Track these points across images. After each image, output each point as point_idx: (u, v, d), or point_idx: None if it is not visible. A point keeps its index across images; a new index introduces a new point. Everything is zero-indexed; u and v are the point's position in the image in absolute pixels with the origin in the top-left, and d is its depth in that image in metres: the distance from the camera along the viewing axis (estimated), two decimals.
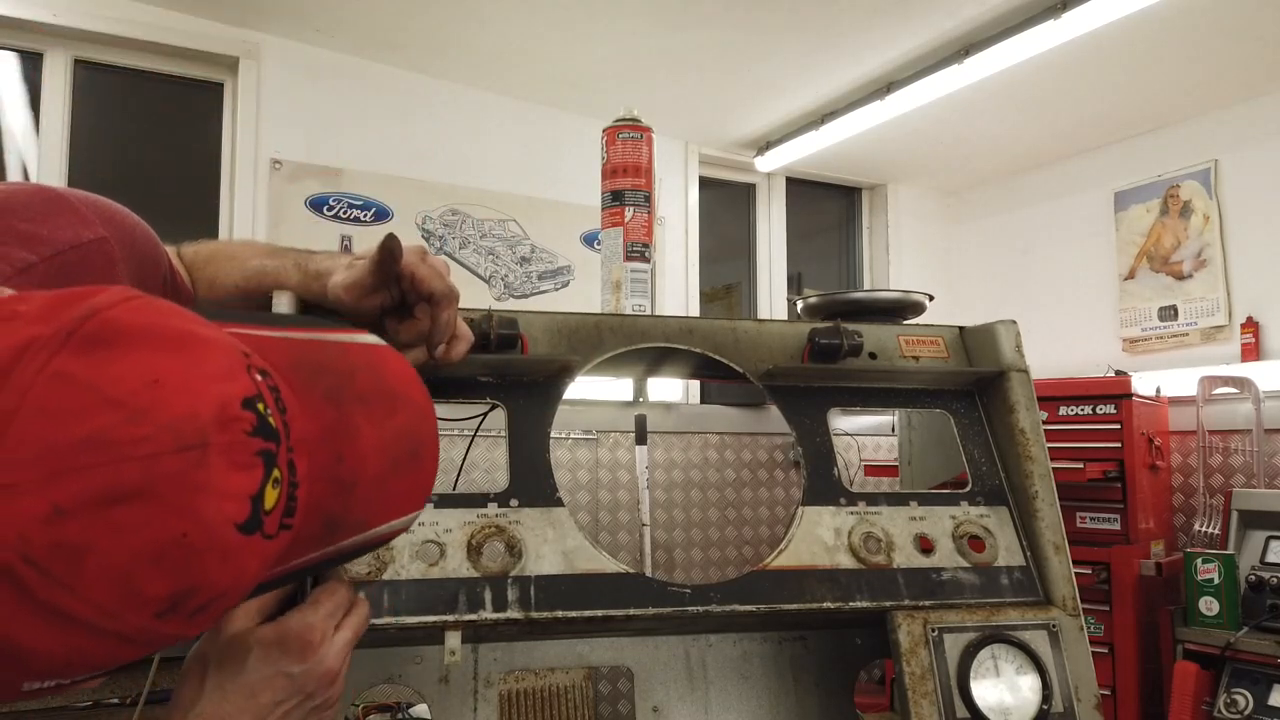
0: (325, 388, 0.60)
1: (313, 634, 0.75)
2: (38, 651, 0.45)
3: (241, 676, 0.73)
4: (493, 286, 3.58)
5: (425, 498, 0.70)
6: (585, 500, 3.14)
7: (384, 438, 0.63)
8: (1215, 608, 2.59)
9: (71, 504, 0.43)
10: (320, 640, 0.76)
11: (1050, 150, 4.10)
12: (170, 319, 0.50)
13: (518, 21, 3.11)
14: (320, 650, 0.75)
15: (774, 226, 4.48)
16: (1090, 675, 1.09)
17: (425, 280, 0.92)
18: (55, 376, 0.44)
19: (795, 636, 1.31)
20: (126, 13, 3.03)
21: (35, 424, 0.43)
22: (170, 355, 0.48)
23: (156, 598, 0.46)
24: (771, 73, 3.46)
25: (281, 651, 0.74)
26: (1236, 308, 3.50)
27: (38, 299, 0.48)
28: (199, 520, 0.47)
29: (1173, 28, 2.96)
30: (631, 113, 1.61)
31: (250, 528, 0.49)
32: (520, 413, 1.08)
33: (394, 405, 0.65)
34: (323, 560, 0.63)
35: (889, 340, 1.27)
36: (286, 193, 3.23)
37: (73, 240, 0.78)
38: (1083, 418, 2.98)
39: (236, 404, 0.49)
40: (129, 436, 0.45)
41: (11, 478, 0.42)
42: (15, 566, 0.42)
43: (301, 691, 0.75)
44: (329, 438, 0.58)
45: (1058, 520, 1.16)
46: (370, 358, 0.67)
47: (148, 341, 0.48)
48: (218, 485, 0.47)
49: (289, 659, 0.74)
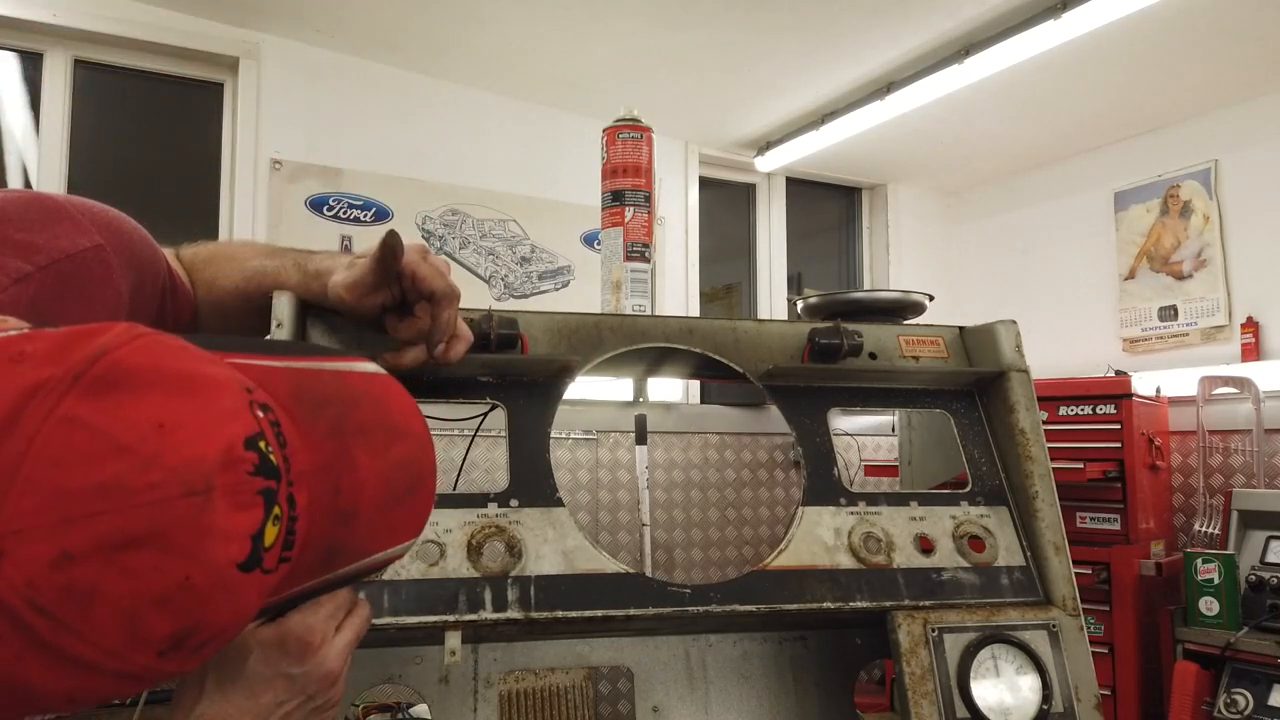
0: (327, 420, 0.61)
1: (313, 635, 0.75)
2: (41, 690, 0.46)
3: (242, 677, 0.73)
4: (493, 286, 3.58)
5: (423, 525, 0.70)
6: (585, 500, 3.14)
7: (384, 469, 0.63)
8: (1215, 608, 2.59)
9: (80, 550, 0.44)
10: (321, 642, 0.76)
11: (1050, 150, 4.10)
12: (177, 359, 0.51)
13: (518, 21, 3.10)
14: (321, 652, 0.76)
15: (774, 226, 4.48)
16: (1090, 675, 1.09)
17: (426, 279, 0.92)
18: (64, 421, 0.45)
19: (795, 636, 1.31)
20: (126, 13, 3.03)
21: (45, 470, 0.44)
22: (177, 398, 0.49)
23: (160, 638, 0.47)
24: (771, 73, 3.46)
25: (282, 653, 0.74)
26: (1236, 308, 3.50)
27: (45, 339, 0.49)
28: (203, 563, 0.48)
29: (1173, 28, 2.96)
30: (631, 113, 1.61)
31: (250, 565, 0.50)
32: (520, 413, 1.08)
33: (394, 437, 0.65)
34: (320, 586, 0.64)
35: (889, 340, 1.27)
36: (286, 193, 3.23)
37: (69, 249, 0.78)
38: (1083, 418, 2.98)
39: (240, 445, 0.50)
40: (138, 484, 0.45)
41: (20, 524, 0.43)
42: (22, 611, 0.43)
43: (302, 692, 0.75)
44: (328, 470, 0.59)
45: (1058, 520, 1.16)
46: (371, 388, 0.68)
47: (155, 383, 0.49)
48: (221, 527, 0.48)
49: (289, 660, 0.74)
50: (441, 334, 0.95)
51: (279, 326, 0.95)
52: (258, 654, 0.74)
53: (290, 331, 0.97)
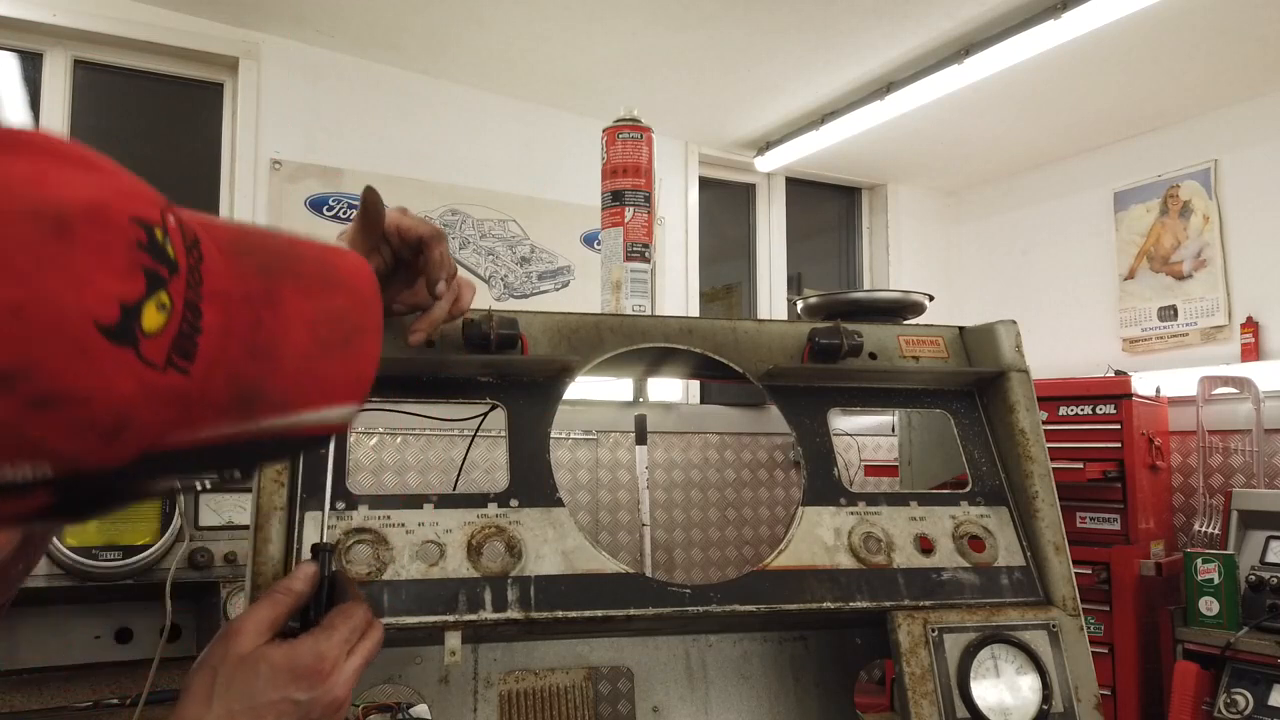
0: (259, 260, 0.58)
1: (324, 663, 0.74)
2: None
3: (249, 699, 0.72)
4: (493, 287, 3.58)
5: (362, 392, 0.65)
6: (585, 500, 3.14)
7: (314, 314, 0.60)
8: (1215, 608, 2.59)
9: None
10: (331, 669, 0.75)
11: (1050, 150, 4.10)
12: (87, 152, 0.48)
13: (517, 22, 3.10)
14: (330, 680, 0.74)
15: (774, 226, 4.48)
16: (1090, 675, 1.09)
17: (410, 227, 0.92)
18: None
19: (795, 636, 1.31)
20: (126, 13, 3.03)
21: None
22: (72, 167, 0.46)
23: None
24: (771, 73, 3.45)
25: (292, 677, 0.73)
26: (1236, 308, 3.50)
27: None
28: (40, 295, 0.43)
29: (1173, 28, 2.96)
30: (631, 113, 1.61)
31: (119, 336, 0.46)
32: (520, 413, 1.08)
33: (332, 288, 0.63)
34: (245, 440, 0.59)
35: (889, 340, 1.27)
36: (286, 193, 3.23)
37: None
38: (1083, 418, 2.97)
39: (122, 214, 0.46)
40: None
41: None
42: None
43: (306, 719, 0.74)
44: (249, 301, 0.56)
45: (1058, 520, 1.16)
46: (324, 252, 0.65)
47: (55, 155, 0.46)
48: (75, 271, 0.44)
49: (299, 686, 0.73)
50: (438, 271, 0.93)
51: None
52: (266, 675, 0.73)
53: None
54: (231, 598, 2.02)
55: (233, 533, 2.07)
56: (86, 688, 2.00)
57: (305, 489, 0.95)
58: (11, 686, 1.95)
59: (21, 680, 1.96)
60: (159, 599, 1.92)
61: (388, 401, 1.07)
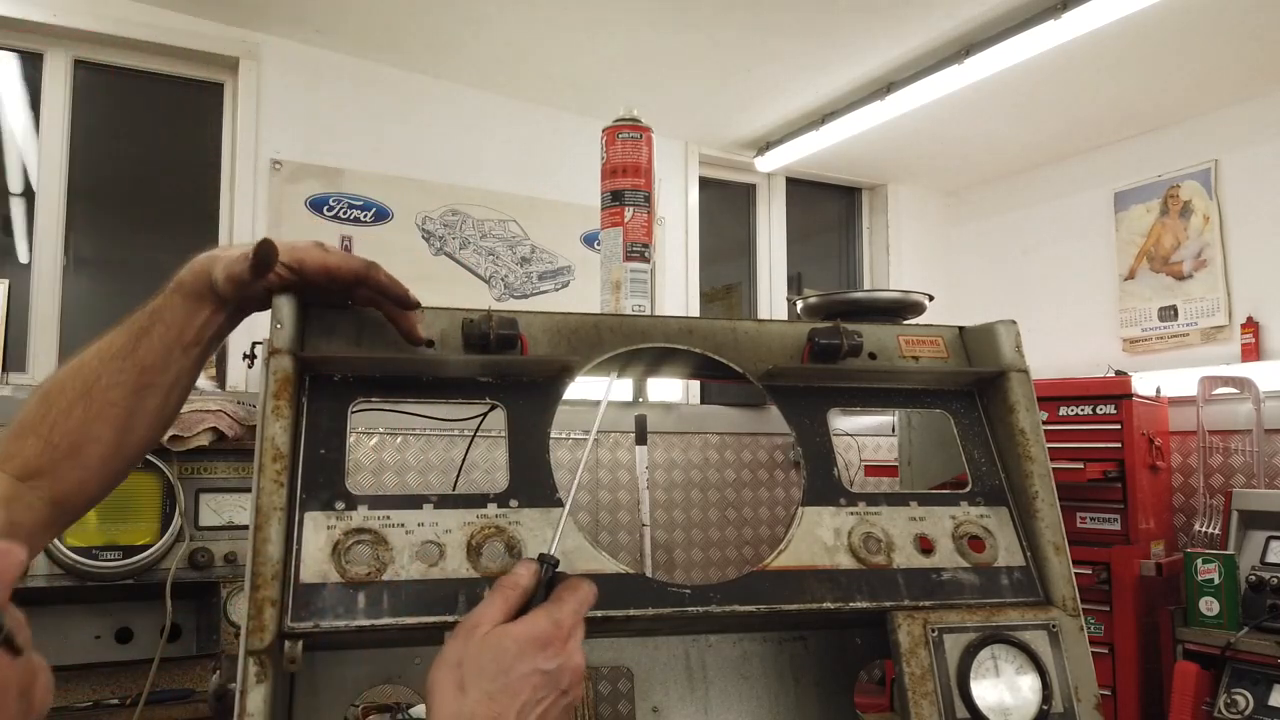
0: None
1: (561, 630, 0.76)
2: None
3: (502, 677, 0.73)
4: (493, 287, 3.58)
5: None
6: (585, 500, 3.14)
7: None
8: (1215, 608, 2.59)
9: None
10: (569, 635, 0.77)
11: (1050, 150, 4.10)
12: None
13: (517, 22, 3.11)
14: (569, 645, 0.77)
15: (774, 227, 4.48)
16: (1090, 675, 1.09)
17: (338, 266, 0.94)
18: None
19: (795, 636, 1.31)
20: (126, 13, 3.03)
21: None
22: None
23: None
24: (771, 73, 3.46)
25: (537, 647, 0.75)
26: (1236, 308, 3.50)
27: None
28: None
29: (1173, 28, 2.96)
30: (631, 113, 1.61)
31: None
32: (520, 413, 1.08)
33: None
34: None
35: (889, 340, 1.26)
36: (286, 193, 3.23)
37: None
38: (1083, 418, 2.98)
39: None
40: None
41: None
42: None
43: (557, 687, 0.76)
44: None
45: (1058, 520, 1.16)
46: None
47: None
48: None
49: (544, 655, 0.75)
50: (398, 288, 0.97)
51: (280, 327, 0.95)
52: (513, 650, 0.74)
53: (291, 333, 0.97)
54: (231, 598, 2.02)
55: (233, 533, 2.07)
56: (86, 688, 2.00)
57: (305, 489, 0.95)
58: None
59: None
60: (159, 599, 1.92)
61: (388, 401, 1.06)
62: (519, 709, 0.73)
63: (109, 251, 3.24)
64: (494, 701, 0.72)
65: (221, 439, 2.07)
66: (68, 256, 3.04)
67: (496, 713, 0.72)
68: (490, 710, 0.72)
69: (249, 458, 2.06)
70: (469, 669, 0.74)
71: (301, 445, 0.97)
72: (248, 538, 0.91)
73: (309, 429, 0.97)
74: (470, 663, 0.74)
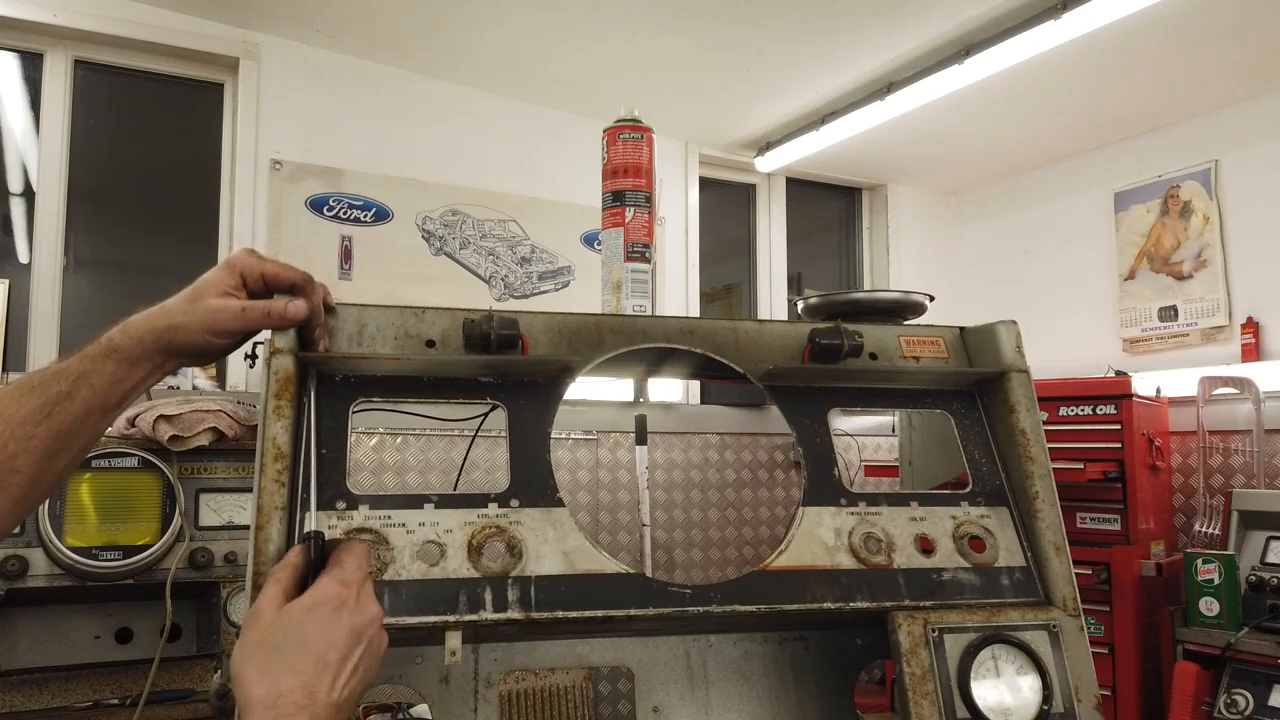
0: None
1: (349, 587, 0.78)
2: None
3: (305, 649, 0.74)
4: (493, 287, 3.58)
5: None
6: (585, 500, 3.14)
7: None
8: (1215, 608, 2.59)
9: None
10: (358, 589, 0.79)
11: (1050, 150, 4.10)
12: None
13: (518, 22, 3.11)
14: (361, 598, 0.79)
15: (774, 227, 4.48)
16: (1090, 675, 1.09)
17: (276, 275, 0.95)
18: None
19: (795, 636, 1.31)
20: (126, 13, 3.03)
21: None
22: None
23: None
24: (771, 73, 3.45)
25: (330, 610, 0.77)
26: (1237, 308, 3.50)
27: None
28: None
29: (1173, 28, 2.96)
30: (632, 113, 1.61)
31: None
32: (520, 413, 1.08)
33: None
34: None
35: (889, 341, 1.27)
36: (286, 193, 3.23)
37: None
38: (1083, 418, 2.98)
39: None
40: None
41: None
42: None
43: (361, 639, 0.77)
44: None
45: (1058, 520, 1.16)
46: None
47: None
48: None
49: (338, 614, 0.77)
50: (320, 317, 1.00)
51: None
52: (306, 621, 0.75)
53: (292, 333, 0.97)
54: (232, 598, 2.02)
55: (233, 533, 2.07)
56: (86, 688, 2.00)
57: (305, 489, 0.95)
58: (11, 686, 1.95)
59: (21, 680, 1.96)
60: (159, 599, 1.92)
61: (388, 401, 1.07)
62: (332, 670, 0.74)
63: (109, 251, 3.24)
64: (299, 673, 0.73)
65: (221, 439, 2.07)
66: (68, 256, 3.04)
67: (304, 681, 0.73)
68: (297, 681, 0.73)
69: (249, 458, 2.07)
70: (265, 651, 0.74)
71: (303, 445, 0.97)
72: (248, 537, 0.92)
73: (310, 429, 0.98)
74: (265, 645, 0.75)
